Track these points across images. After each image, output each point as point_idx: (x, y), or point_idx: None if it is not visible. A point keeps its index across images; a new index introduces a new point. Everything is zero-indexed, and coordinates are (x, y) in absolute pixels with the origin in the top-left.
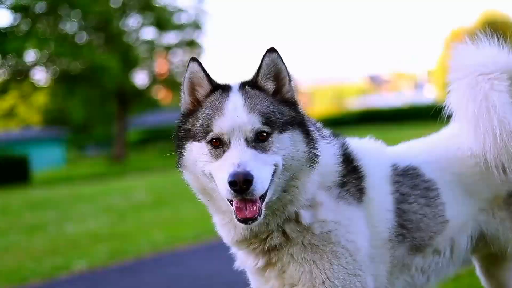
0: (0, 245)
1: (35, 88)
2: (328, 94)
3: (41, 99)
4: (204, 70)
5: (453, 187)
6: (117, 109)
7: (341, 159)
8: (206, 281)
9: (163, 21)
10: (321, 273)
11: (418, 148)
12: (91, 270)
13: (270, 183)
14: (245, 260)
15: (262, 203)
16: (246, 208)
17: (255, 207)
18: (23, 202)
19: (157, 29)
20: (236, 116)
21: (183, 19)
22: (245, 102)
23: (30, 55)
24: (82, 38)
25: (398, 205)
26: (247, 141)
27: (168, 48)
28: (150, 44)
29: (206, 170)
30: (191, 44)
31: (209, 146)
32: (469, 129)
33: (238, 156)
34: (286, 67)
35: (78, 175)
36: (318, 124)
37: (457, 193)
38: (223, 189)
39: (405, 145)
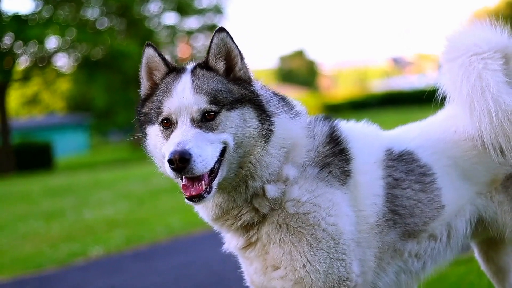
0: (19, 232)
1: (58, 74)
2: (351, 77)
3: (64, 85)
4: (160, 54)
5: (450, 172)
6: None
7: (324, 137)
8: (220, 266)
9: (184, 6)
10: (301, 257)
11: (414, 132)
12: (107, 256)
13: (222, 161)
14: (229, 241)
15: (213, 181)
16: (192, 186)
17: (200, 185)
18: (43, 189)
19: (178, 14)
20: (182, 97)
21: (204, 3)
22: (192, 83)
23: (52, 42)
24: (103, 24)
25: (390, 190)
26: (193, 121)
27: (190, 33)
28: (172, 29)
29: (162, 151)
30: (213, 28)
31: (161, 127)
32: (464, 110)
33: (180, 135)
34: (236, 46)
35: (101, 161)
36: (293, 101)
37: (454, 178)
38: (167, 169)
39: (402, 129)
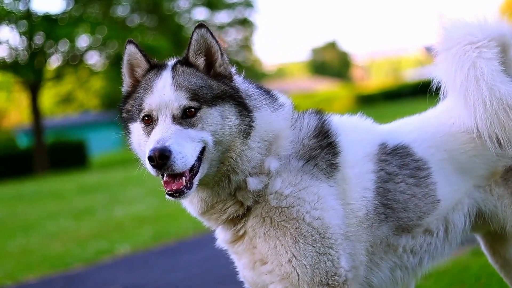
0: (49, 230)
1: (91, 72)
2: (384, 67)
3: (97, 83)
4: (141, 51)
5: (446, 165)
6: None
7: (311, 130)
8: None
9: (214, 1)
10: (287, 251)
11: (411, 126)
12: (134, 253)
13: (202, 159)
14: (219, 236)
15: (194, 177)
16: (173, 182)
17: (181, 180)
18: (76, 187)
19: (209, 9)
20: (163, 93)
21: None
22: (173, 79)
23: (83, 40)
24: (133, 21)
25: (382, 184)
26: (173, 118)
27: (220, 28)
28: None
29: (144, 149)
30: (244, 22)
31: (142, 124)
32: (459, 100)
33: (160, 132)
34: (216, 42)
35: (134, 157)
36: (277, 93)
37: (450, 171)
38: (147, 166)
39: (399, 123)
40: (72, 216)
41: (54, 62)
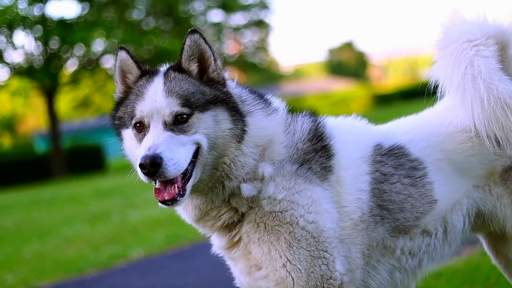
0: (64, 235)
1: (108, 76)
2: (402, 66)
3: (114, 87)
4: (132, 57)
5: (443, 166)
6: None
7: (305, 133)
8: None
9: (229, 2)
10: (281, 256)
11: (407, 126)
12: (147, 257)
13: (195, 163)
14: (214, 242)
15: (187, 184)
16: (165, 190)
17: (173, 188)
18: (92, 191)
19: (224, 11)
20: (154, 100)
21: None
22: (164, 86)
23: (99, 44)
24: (148, 24)
25: (377, 185)
26: (165, 124)
27: (236, 29)
28: (218, 26)
29: (136, 155)
30: (259, 24)
31: (134, 131)
32: (457, 98)
33: (151, 139)
34: (210, 47)
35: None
36: (271, 98)
37: (448, 172)
38: (139, 173)
39: (395, 123)
40: (87, 220)
41: (70, 66)
